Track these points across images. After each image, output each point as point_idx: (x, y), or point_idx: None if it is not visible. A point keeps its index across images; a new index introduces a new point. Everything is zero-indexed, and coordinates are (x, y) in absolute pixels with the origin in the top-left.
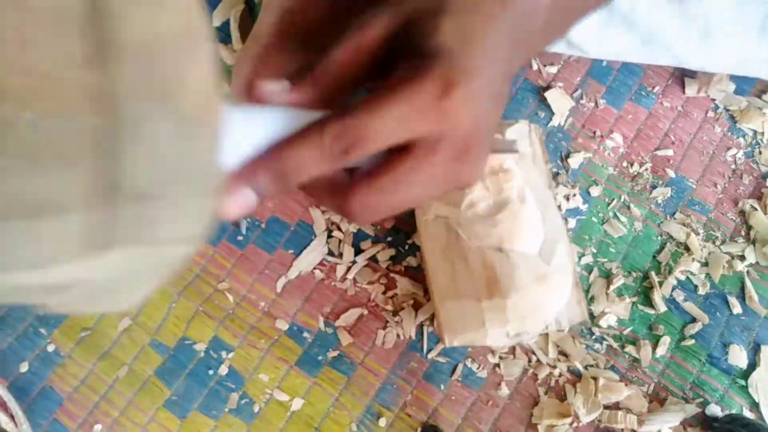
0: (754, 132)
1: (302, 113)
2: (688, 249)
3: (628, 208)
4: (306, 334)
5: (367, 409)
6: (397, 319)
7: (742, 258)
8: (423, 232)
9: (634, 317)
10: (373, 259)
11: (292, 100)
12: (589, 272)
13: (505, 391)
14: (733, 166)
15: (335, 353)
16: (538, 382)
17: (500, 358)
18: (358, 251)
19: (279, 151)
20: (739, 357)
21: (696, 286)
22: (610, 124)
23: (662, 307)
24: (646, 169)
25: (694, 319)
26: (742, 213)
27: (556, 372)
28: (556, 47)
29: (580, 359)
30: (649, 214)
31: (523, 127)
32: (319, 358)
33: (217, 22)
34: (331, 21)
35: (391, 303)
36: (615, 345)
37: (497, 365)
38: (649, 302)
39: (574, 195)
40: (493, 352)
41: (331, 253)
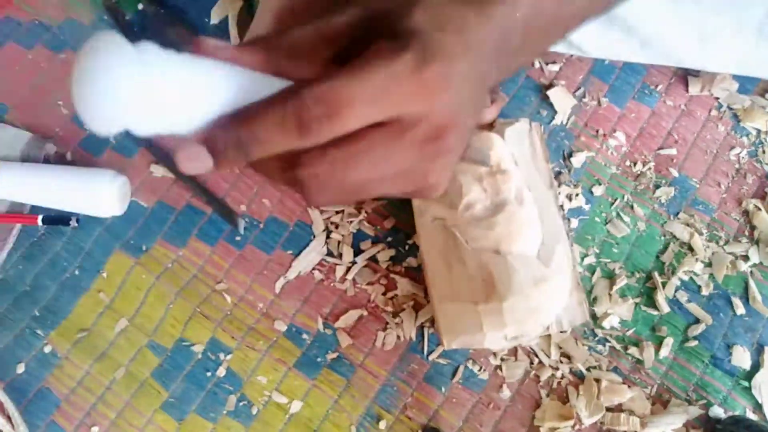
0: (758, 131)
1: (269, 80)
2: (691, 249)
3: (632, 207)
4: (305, 336)
5: (366, 412)
6: (397, 321)
7: (746, 258)
8: (421, 233)
9: (637, 318)
10: (373, 260)
11: (232, 56)
12: (592, 273)
13: (506, 393)
14: (737, 166)
15: (334, 355)
16: (540, 384)
17: (502, 360)
18: (358, 252)
19: (242, 117)
20: (742, 358)
21: (699, 287)
22: (612, 123)
23: (665, 308)
24: (650, 169)
25: (697, 320)
26: (746, 213)
27: (559, 374)
28: (557, 47)
29: (583, 361)
30: (653, 214)
31: (524, 126)
32: (318, 359)
33: (215, 19)
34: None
35: (391, 304)
36: (618, 346)
37: (499, 367)
38: (653, 303)
39: (577, 195)
40: (494, 354)
41: (330, 254)
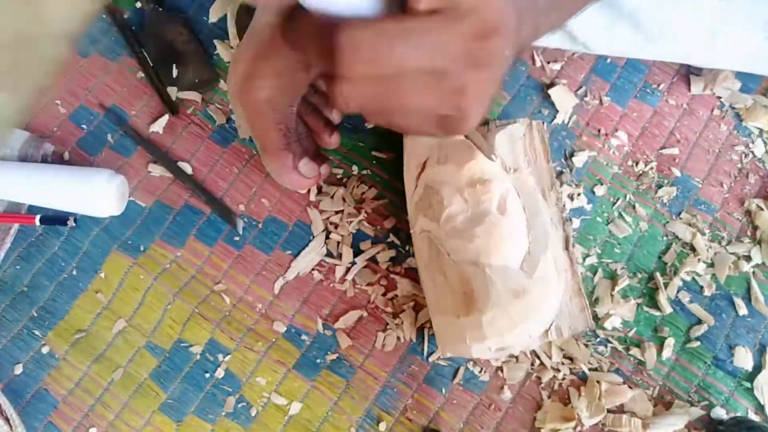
0: (760, 130)
1: None
2: (693, 249)
3: (633, 207)
4: (304, 337)
5: (366, 413)
6: (397, 322)
7: (749, 258)
8: (415, 245)
9: (639, 319)
10: (373, 260)
11: None
12: (594, 273)
13: (507, 394)
14: (739, 165)
15: (334, 356)
16: (542, 385)
17: (503, 361)
18: (358, 252)
19: None
20: (744, 359)
21: (702, 287)
22: (614, 122)
23: (668, 309)
24: (652, 168)
25: (699, 321)
26: (748, 213)
27: (560, 375)
28: (559, 43)
29: (585, 362)
30: (655, 214)
31: (519, 129)
32: (318, 361)
33: (214, 18)
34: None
35: (391, 305)
36: (620, 347)
37: (500, 368)
38: (655, 304)
39: (579, 194)
40: None
41: (329, 254)
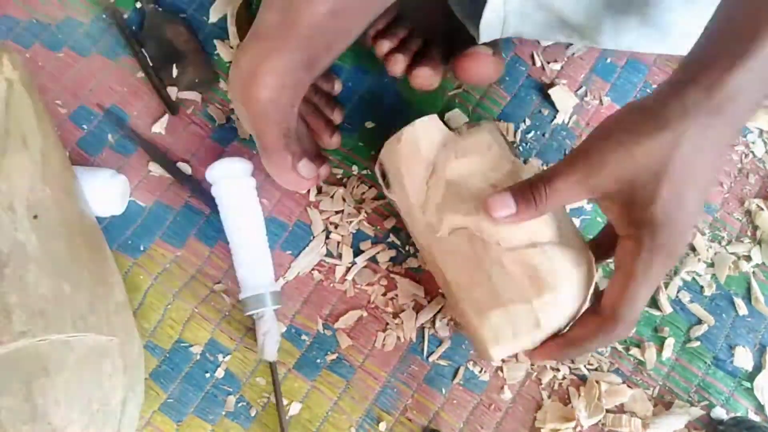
0: (760, 130)
1: None
2: (693, 249)
3: None
4: (304, 337)
5: (366, 413)
6: (397, 322)
7: (748, 258)
8: (438, 251)
9: (640, 319)
10: (373, 260)
11: None
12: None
13: (507, 394)
14: (739, 165)
15: (334, 356)
16: (542, 385)
17: (503, 361)
18: (358, 252)
19: None
20: (744, 359)
21: (702, 287)
22: None
23: (668, 309)
24: None
25: (699, 321)
26: (748, 213)
27: (560, 375)
28: (566, 39)
29: (585, 362)
30: None
31: (484, 137)
32: (318, 361)
33: (214, 18)
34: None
35: (391, 305)
36: (619, 347)
37: (500, 368)
38: (655, 303)
39: None
40: None
41: (329, 254)
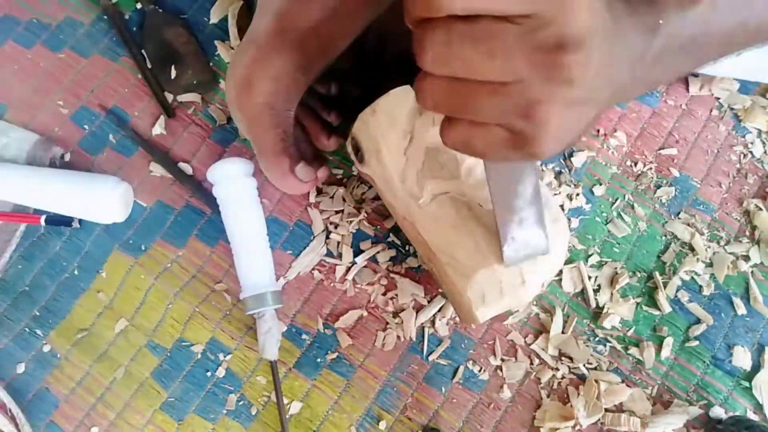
0: (759, 131)
1: None
2: (692, 249)
3: (632, 207)
4: (305, 336)
5: (366, 412)
6: (397, 321)
7: (747, 258)
8: (420, 219)
9: (638, 318)
10: (373, 260)
11: None
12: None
13: (507, 393)
14: (738, 166)
15: (334, 355)
16: (541, 384)
17: (502, 360)
18: (358, 252)
19: None
20: (743, 358)
21: (700, 287)
22: (614, 123)
23: (667, 308)
24: (650, 168)
25: (698, 320)
26: (747, 213)
27: (559, 374)
28: None
29: (584, 361)
30: (654, 214)
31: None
32: (318, 360)
33: (214, 19)
34: (325, 23)
35: (392, 304)
36: (618, 347)
37: (499, 368)
38: (654, 303)
39: (578, 194)
40: (494, 354)
41: (330, 254)
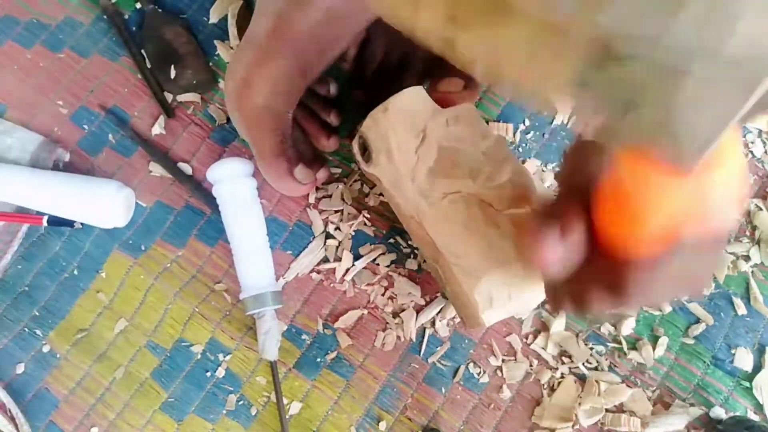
0: (759, 131)
1: None
2: None
3: None
4: (304, 336)
5: (366, 413)
6: (397, 321)
7: (747, 258)
8: (429, 219)
9: (639, 318)
10: (373, 261)
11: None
12: None
13: (507, 394)
14: None
15: (334, 355)
16: (541, 384)
17: (502, 360)
18: (357, 252)
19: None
20: (743, 359)
21: None
22: None
23: (667, 308)
24: None
25: (698, 320)
26: (747, 213)
27: (558, 374)
28: None
29: (583, 361)
30: None
31: (470, 108)
32: (318, 360)
33: (214, 18)
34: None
35: (391, 305)
36: (618, 347)
37: (499, 368)
38: None
39: None
40: (495, 354)
41: (329, 255)
